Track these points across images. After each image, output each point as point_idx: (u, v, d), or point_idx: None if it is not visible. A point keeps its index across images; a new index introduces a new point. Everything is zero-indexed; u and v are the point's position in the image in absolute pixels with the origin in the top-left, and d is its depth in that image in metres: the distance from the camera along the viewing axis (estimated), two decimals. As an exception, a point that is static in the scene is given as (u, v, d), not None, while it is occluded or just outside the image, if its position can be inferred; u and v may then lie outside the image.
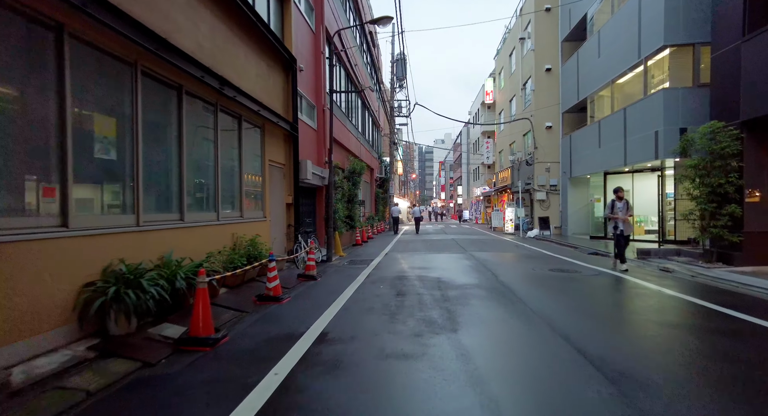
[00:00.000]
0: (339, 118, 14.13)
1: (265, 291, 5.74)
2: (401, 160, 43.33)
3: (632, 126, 12.44)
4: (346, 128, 15.47)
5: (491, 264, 9.20)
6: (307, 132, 11.17)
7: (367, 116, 22.17)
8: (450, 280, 7.09)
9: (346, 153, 15.88)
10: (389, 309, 5.10)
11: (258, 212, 7.83)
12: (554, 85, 19.50)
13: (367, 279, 7.40)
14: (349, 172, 15.39)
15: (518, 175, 22.82)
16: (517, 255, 11.36)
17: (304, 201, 10.90)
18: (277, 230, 8.82)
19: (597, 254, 11.91)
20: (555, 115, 19.53)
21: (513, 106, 24.94)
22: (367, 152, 21.32)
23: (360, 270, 8.56)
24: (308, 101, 11.48)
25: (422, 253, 11.75)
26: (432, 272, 8.10)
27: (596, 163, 15.22)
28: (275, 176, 8.74)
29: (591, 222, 16.90)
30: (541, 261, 9.85)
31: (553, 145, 19.58)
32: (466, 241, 15.98)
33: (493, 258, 10.48)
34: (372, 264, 9.55)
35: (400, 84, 25.35)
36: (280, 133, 8.88)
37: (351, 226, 15.23)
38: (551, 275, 7.73)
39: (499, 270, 8.28)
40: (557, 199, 19.61)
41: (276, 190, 8.79)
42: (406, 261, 10.13)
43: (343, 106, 15.46)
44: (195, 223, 5.59)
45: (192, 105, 5.70)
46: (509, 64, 25.90)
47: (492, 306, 5.22)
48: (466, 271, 8.25)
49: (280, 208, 8.96)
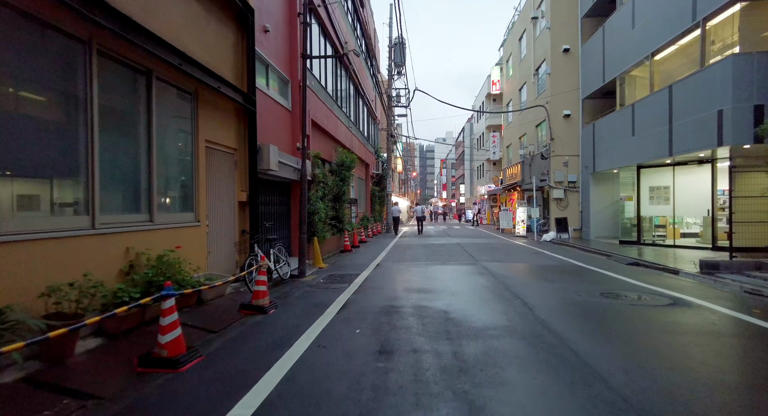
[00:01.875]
0: (323, 99, 11.80)
1: (156, 347, 3.40)
2: (401, 157, 40.97)
3: (682, 107, 10.08)
4: (333, 113, 13.13)
5: (514, 284, 6.85)
6: (278, 112, 8.83)
7: (361, 105, 19.82)
8: (464, 318, 4.73)
9: (334, 143, 13.54)
10: (360, 398, 2.76)
11: (184, 214, 5.49)
12: (573, 67, 17.13)
13: (341, 313, 5.06)
14: (337, 165, 13.06)
15: (530, 171, 20.47)
16: (542, 267, 9.01)
17: (269, 199, 8.56)
18: (222, 239, 6.48)
19: (638, 265, 9.58)
20: (574, 101, 17.17)
21: (523, 94, 22.57)
22: (361, 145, 18.98)
23: (336, 293, 6.22)
24: (279, 75, 9.14)
25: (422, 264, 9.40)
26: (436, 299, 5.75)
27: (628, 154, 12.86)
28: (219, 164, 6.41)
29: (619, 225, 14.55)
30: (577, 278, 7.50)
31: (572, 135, 17.22)
32: (474, 246, 13.63)
33: (514, 273, 8.13)
34: (356, 282, 7.21)
35: (399, 71, 22.99)
36: (229, 107, 6.54)
37: (339, 229, 12.89)
38: (608, 305, 5.38)
39: (530, 295, 5.93)
40: (576, 197, 17.25)
41: (221, 184, 6.45)
42: (402, 277, 7.79)
43: (329, 86, 13.12)
44: (32, 235, 3.26)
45: (30, 34, 3.37)
46: (519, 50, 23.53)
47: (548, 389, 2.87)
48: (484, 297, 5.90)
49: (227, 208, 6.62)
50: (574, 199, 17.32)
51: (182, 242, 5.14)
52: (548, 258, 10.77)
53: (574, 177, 17.24)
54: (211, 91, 5.82)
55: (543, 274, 7.96)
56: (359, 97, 19.08)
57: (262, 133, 7.80)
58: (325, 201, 11.07)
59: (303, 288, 6.75)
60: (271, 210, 8.79)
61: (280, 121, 8.94)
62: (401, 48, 22.36)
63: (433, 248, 13.22)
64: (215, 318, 4.75)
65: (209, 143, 6.01)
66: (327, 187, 11.15)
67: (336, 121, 13.48)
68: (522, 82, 22.60)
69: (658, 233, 13.35)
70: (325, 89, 12.63)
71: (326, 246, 11.29)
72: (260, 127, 7.76)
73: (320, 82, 12.00)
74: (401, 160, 41.82)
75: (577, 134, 17.14)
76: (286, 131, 9.24)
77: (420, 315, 4.80)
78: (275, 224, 8.94)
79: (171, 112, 5.24)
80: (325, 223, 11.18)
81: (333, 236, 12.31)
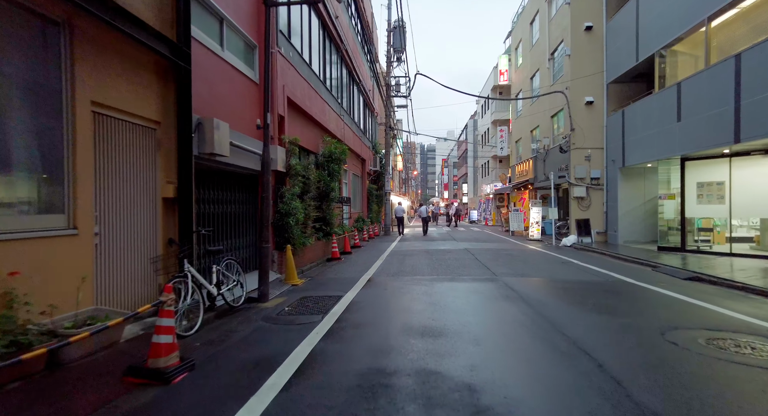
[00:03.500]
0: (305, 76, 9.72)
1: None
2: (401, 155, 38.88)
3: (755, 80, 7.97)
4: (320, 96, 11.05)
5: (560, 317, 4.75)
6: (237, 83, 6.74)
7: (356, 93, 17.75)
8: (507, 407, 2.63)
9: (321, 131, 11.46)
10: None
11: (43, 218, 3.40)
12: (596, 48, 15.02)
13: (291, 389, 2.95)
14: (324, 157, 10.99)
15: (544, 167, 18.37)
16: (581, 284, 6.89)
17: (224, 195, 6.45)
18: (132, 253, 4.38)
19: (699, 279, 7.49)
20: (597, 87, 15.06)
21: (535, 82, 20.46)
22: (356, 138, 16.90)
23: (299, 335, 4.13)
24: (242, 36, 7.06)
25: (426, 280, 7.30)
26: (451, 353, 3.64)
27: (670, 144, 10.76)
28: (127, 142, 4.31)
29: (655, 228, 12.44)
30: (640, 304, 5.40)
31: (595, 126, 15.11)
32: (486, 253, 11.53)
33: (549, 295, 6.01)
34: (334, 311, 5.11)
35: (398, 57, 20.90)
36: (145, 61, 4.45)
37: (325, 233, 10.81)
38: (745, 373, 3.27)
39: (596, 343, 3.82)
40: (600, 195, 15.14)
41: (131, 172, 4.36)
42: (398, 303, 5.69)
43: (315, 64, 11.04)
44: None
45: None
46: (530, 35, 21.43)
47: None
48: (526, 350, 3.80)
49: (142, 207, 4.53)
50: (597, 198, 15.21)
51: (31, 263, 3.06)
52: (581, 270, 8.66)
53: (598, 173, 15.12)
54: (101, 25, 3.74)
55: (589, 297, 5.86)
56: (354, 83, 17.00)
57: (210, 105, 5.72)
58: (306, 199, 8.99)
59: (255, 324, 4.67)
60: (229, 212, 6.71)
61: (239, 95, 6.86)
62: (401, 32, 20.28)
63: (438, 256, 11.12)
64: (64, 399, 2.66)
65: (102, 108, 3.92)
66: (309, 182, 9.06)
67: (323, 105, 11.40)
68: (534, 69, 20.49)
69: (701, 237, 11.25)
70: (309, 66, 10.55)
71: (308, 255, 9.22)
72: (206, 96, 5.68)
73: (302, 55, 9.93)
74: (402, 158, 39.73)
75: (600, 124, 15.03)
76: (249, 108, 7.16)
77: (427, 400, 2.69)
78: (235, 229, 6.84)
79: (12, 48, 3.15)
80: (307, 227, 9.10)
81: (318, 241, 10.24)
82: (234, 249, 6.71)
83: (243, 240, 7.06)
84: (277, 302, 5.78)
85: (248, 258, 7.25)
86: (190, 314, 4.49)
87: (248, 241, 7.27)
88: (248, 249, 7.24)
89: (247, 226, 7.28)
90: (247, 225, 7.28)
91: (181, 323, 4.28)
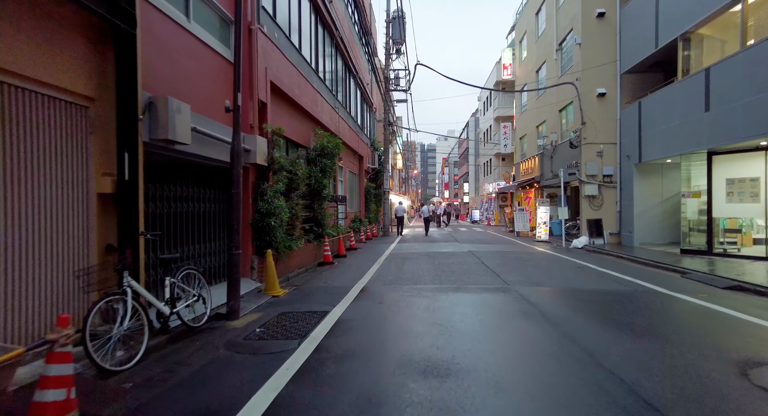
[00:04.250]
0: (294, 61, 8.75)
1: None
2: (401, 152, 37.91)
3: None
4: (310, 84, 10.08)
5: (595, 342, 3.77)
6: (205, 60, 5.76)
7: (353, 86, 16.78)
8: None
9: (312, 123, 10.50)
10: None
11: None
12: (609, 36, 14.04)
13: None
14: (316, 152, 10.02)
15: (552, 164, 17.41)
16: (608, 295, 5.92)
17: (182, 192, 5.45)
18: (52, 266, 3.40)
19: (741, 289, 6.54)
20: (609, 77, 14.09)
21: (542, 75, 19.47)
22: (353, 132, 15.94)
23: (264, 372, 3.16)
24: (214, 7, 6.08)
25: (428, 291, 6.33)
26: (462, 403, 2.67)
27: (696, 136, 9.79)
28: (44, 122, 3.34)
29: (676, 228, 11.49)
30: (693, 323, 4.43)
31: (608, 119, 14.13)
32: (493, 257, 10.56)
33: (574, 310, 5.03)
34: (315, 334, 4.14)
35: (398, 49, 19.91)
36: (73, 20, 3.49)
37: (317, 235, 9.84)
38: None
39: (655, 384, 2.85)
40: (613, 194, 14.16)
41: (50, 159, 3.38)
42: (395, 321, 4.71)
43: (305, 49, 10.07)
44: None
45: None
46: (535, 26, 20.44)
47: None
48: (559, 388, 2.82)
49: (71, 205, 3.55)
50: (610, 197, 14.23)
51: None
52: (602, 276, 7.70)
53: (611, 169, 14.14)
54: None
55: (623, 313, 4.89)
56: (350, 75, 16.03)
57: (170, 84, 4.76)
58: (294, 197, 8.02)
59: (214, 352, 3.70)
60: (196, 212, 5.74)
61: (211, 75, 5.89)
62: (400, 22, 19.30)
63: (440, 259, 10.15)
64: None
65: (10, 77, 2.96)
66: (297, 178, 8.09)
67: (314, 95, 10.43)
68: (540, 62, 19.50)
69: (728, 239, 10.28)
70: (299, 52, 9.59)
71: (295, 259, 8.26)
72: (167, 73, 4.72)
73: (290, 38, 8.96)
74: (402, 156, 38.74)
75: (613, 117, 14.05)
76: (225, 92, 6.18)
77: None
78: (203, 233, 5.86)
79: None
80: (295, 228, 8.14)
81: (308, 244, 9.28)
82: (201, 256, 5.74)
83: (214, 245, 6.08)
84: (250, 319, 4.82)
85: (220, 266, 6.28)
86: (130, 340, 3.55)
87: (220, 246, 6.30)
88: (220, 256, 6.27)
89: (220, 229, 6.31)
90: (220, 228, 6.31)
91: (114, 355, 3.32)
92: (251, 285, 6.45)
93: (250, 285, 6.46)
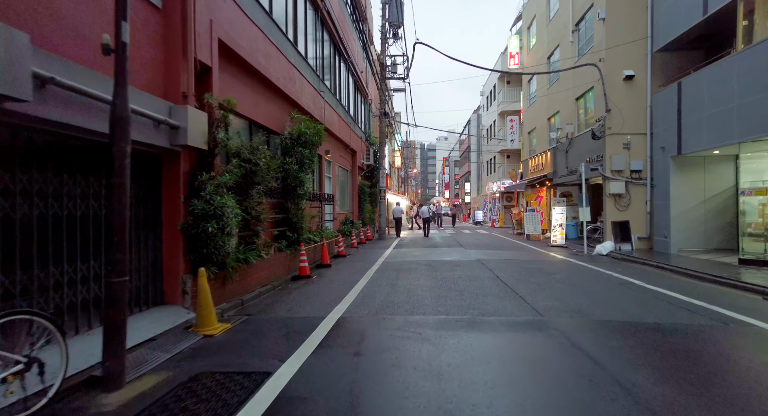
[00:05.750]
0: (261, 25, 6.83)
1: None
2: (400, 150, 35.99)
3: None
4: (285, 57, 8.16)
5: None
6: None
7: (344, 71, 14.87)
8: None
9: (287, 104, 8.61)
10: None
11: None
12: (638, 10, 12.14)
13: None
14: (291, 139, 8.14)
15: (566, 159, 15.50)
16: (696, 337, 4.01)
17: (34, 184, 3.48)
18: None
19: None
20: (638, 58, 12.19)
21: (554, 60, 17.56)
22: (343, 123, 14.03)
23: None
24: None
25: (430, 328, 4.40)
26: None
27: (759, 119, 7.90)
28: None
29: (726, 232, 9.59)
30: None
31: (636, 106, 12.23)
32: (507, 267, 8.63)
33: (673, 381, 3.10)
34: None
35: (395, 33, 18.00)
36: None
37: (291, 242, 7.93)
38: None
39: None
40: (642, 192, 12.26)
41: None
42: (373, 405, 2.79)
43: (278, 15, 8.15)
44: None
45: None
46: (546, 8, 18.54)
47: None
48: None
49: None
50: (638, 195, 12.32)
51: None
52: (659, 299, 5.78)
53: (639, 164, 12.23)
54: None
55: (737, 381, 3.00)
56: (341, 57, 14.12)
57: (28, 17, 2.85)
58: (254, 195, 6.12)
59: None
60: (74, 214, 3.81)
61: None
62: (398, 2, 17.40)
63: (444, 272, 8.23)
64: None
65: None
66: (259, 169, 6.16)
67: (290, 71, 8.52)
68: (553, 46, 17.59)
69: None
70: (270, 15, 7.69)
71: (256, 275, 6.34)
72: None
73: None
74: (400, 154, 36.80)
75: (643, 104, 12.15)
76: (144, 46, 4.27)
77: None
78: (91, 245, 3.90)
79: None
80: (257, 235, 6.24)
81: (279, 253, 7.38)
82: (74, 283, 3.76)
83: (100, 264, 4.07)
84: (140, 389, 2.92)
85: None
86: None
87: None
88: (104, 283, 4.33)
89: (98, 240, 4.37)
90: (99, 238, 4.38)
91: None
92: (180, 318, 4.55)
93: (177, 317, 4.55)
